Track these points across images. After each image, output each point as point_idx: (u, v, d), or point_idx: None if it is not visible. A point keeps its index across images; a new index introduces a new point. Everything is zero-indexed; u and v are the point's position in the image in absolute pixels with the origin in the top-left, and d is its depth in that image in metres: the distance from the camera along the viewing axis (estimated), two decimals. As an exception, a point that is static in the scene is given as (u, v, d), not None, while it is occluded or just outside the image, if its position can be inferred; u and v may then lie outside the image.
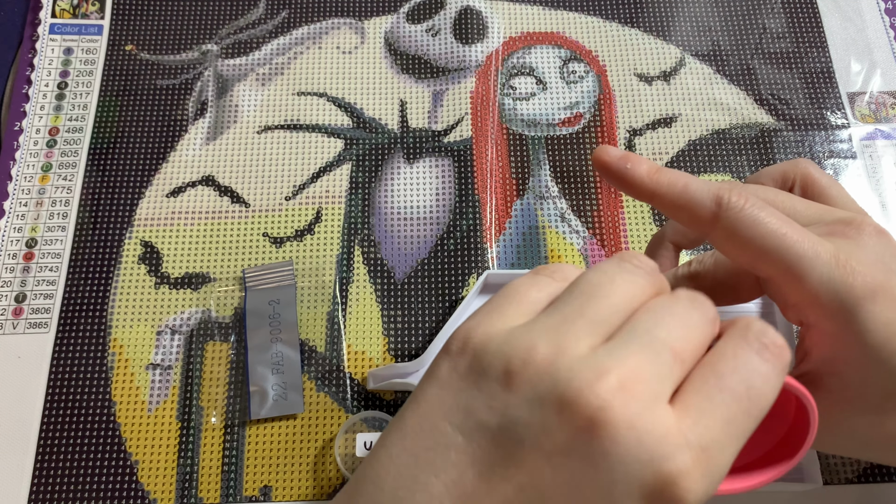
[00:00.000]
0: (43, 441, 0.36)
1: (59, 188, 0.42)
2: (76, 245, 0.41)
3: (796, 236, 0.25)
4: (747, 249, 0.26)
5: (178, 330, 0.39)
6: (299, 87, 0.45)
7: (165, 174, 0.43)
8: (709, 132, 0.44)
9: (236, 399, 0.37)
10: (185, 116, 0.44)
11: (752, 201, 0.26)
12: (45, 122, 0.44)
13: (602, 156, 0.28)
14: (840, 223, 0.27)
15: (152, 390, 0.37)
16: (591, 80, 0.45)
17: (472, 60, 0.46)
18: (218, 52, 0.46)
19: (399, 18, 0.47)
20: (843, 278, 0.25)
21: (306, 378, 0.38)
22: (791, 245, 0.25)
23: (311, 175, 0.43)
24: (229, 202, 0.42)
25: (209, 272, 0.40)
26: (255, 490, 0.35)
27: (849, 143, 0.44)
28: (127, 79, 0.45)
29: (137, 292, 0.40)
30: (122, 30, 0.46)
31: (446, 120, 0.44)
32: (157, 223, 0.41)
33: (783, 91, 0.45)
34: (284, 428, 0.37)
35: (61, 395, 0.37)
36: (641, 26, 0.47)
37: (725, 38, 0.47)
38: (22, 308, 0.39)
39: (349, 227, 0.41)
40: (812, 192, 0.30)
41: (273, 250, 0.41)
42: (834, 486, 0.35)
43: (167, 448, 0.36)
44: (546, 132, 0.44)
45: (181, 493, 0.35)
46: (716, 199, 0.26)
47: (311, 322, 0.39)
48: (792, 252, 0.25)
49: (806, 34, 0.47)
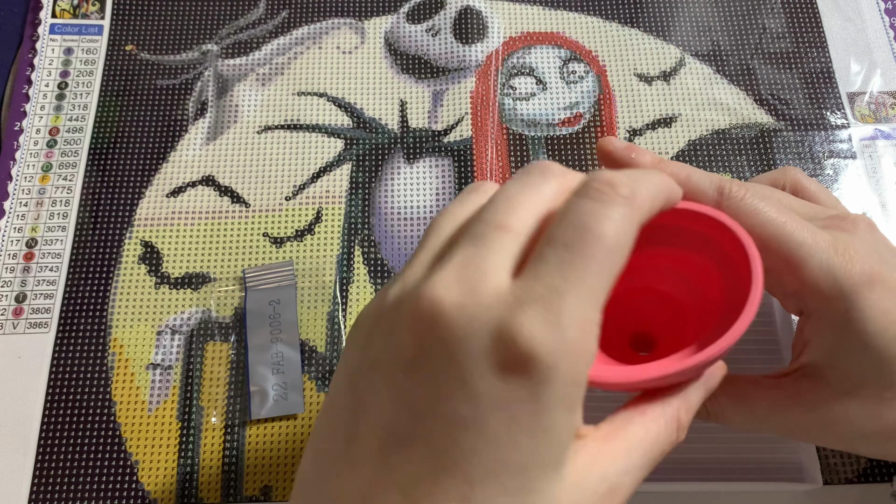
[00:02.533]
0: (43, 441, 0.36)
1: (60, 188, 0.42)
2: (76, 245, 0.41)
3: (796, 224, 0.26)
4: None
5: (179, 330, 0.39)
6: (299, 87, 0.45)
7: (165, 174, 0.43)
8: (709, 132, 0.44)
9: (236, 399, 0.37)
10: (186, 116, 0.44)
11: (751, 191, 0.27)
12: (46, 122, 0.44)
13: (607, 146, 0.29)
14: (836, 218, 0.28)
15: (152, 390, 0.37)
16: (591, 80, 0.45)
17: (472, 60, 0.46)
18: (218, 52, 0.46)
19: (399, 18, 0.47)
20: (842, 265, 0.26)
21: (307, 378, 0.38)
22: (791, 232, 0.26)
23: (311, 175, 0.43)
24: (229, 202, 0.42)
25: (209, 272, 0.40)
26: (255, 490, 0.35)
27: (849, 143, 0.44)
28: (127, 79, 0.45)
29: (137, 292, 0.40)
30: (122, 30, 0.46)
31: (446, 120, 0.44)
32: (157, 223, 0.41)
33: (783, 91, 0.45)
34: (285, 428, 0.37)
35: (61, 395, 0.37)
36: (641, 26, 0.47)
37: (725, 39, 0.47)
38: (22, 308, 0.39)
39: (349, 227, 0.41)
40: (802, 197, 0.31)
41: (273, 250, 0.41)
42: (834, 485, 0.35)
43: (167, 448, 0.36)
44: (546, 132, 0.44)
45: (181, 493, 0.35)
46: (718, 188, 0.27)
47: (312, 322, 0.39)
48: (792, 239, 0.26)
49: (806, 34, 0.47)
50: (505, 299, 0.20)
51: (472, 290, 0.20)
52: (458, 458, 0.20)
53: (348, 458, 0.21)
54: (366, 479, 0.21)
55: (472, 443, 0.20)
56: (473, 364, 0.20)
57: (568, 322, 0.20)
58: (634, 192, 0.21)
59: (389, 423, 0.21)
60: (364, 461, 0.21)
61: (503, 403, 0.20)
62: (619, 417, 0.23)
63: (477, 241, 0.21)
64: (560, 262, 0.20)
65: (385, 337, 0.21)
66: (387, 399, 0.21)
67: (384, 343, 0.21)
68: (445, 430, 0.20)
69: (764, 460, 0.33)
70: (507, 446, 0.20)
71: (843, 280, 0.25)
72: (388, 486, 0.20)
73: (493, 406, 0.20)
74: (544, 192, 0.22)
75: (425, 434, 0.20)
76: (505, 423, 0.20)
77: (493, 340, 0.20)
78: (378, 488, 0.20)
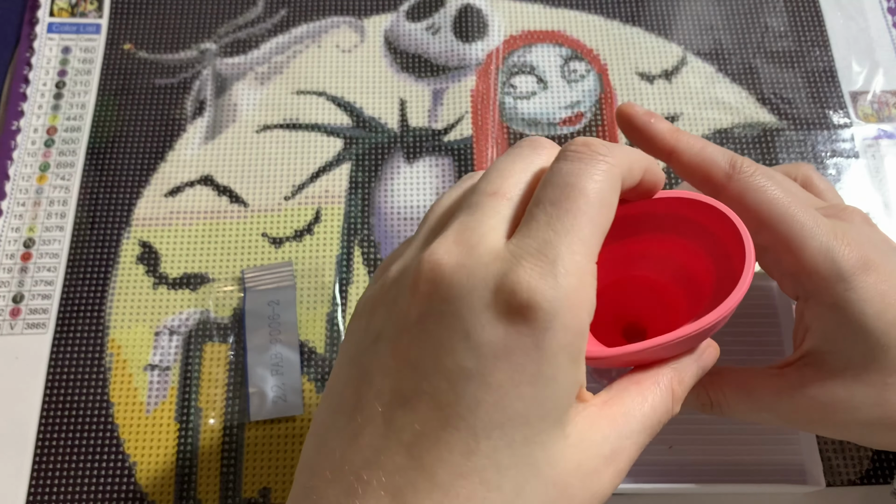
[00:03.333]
0: (41, 442, 0.36)
1: (57, 188, 0.42)
2: (74, 245, 0.40)
3: (799, 206, 0.27)
4: (753, 213, 0.27)
5: (177, 331, 0.38)
6: (298, 86, 0.45)
7: (163, 174, 0.42)
8: (711, 131, 0.44)
9: (235, 400, 0.37)
10: (184, 115, 0.44)
11: (762, 170, 0.28)
12: (43, 121, 0.43)
13: (627, 109, 0.29)
14: (833, 207, 0.30)
15: (150, 391, 0.37)
16: (593, 79, 0.45)
17: (473, 59, 0.46)
18: (216, 51, 0.46)
19: (399, 16, 0.47)
20: (841, 248, 0.27)
21: (306, 380, 0.37)
22: (794, 213, 0.27)
23: (310, 174, 0.42)
24: (228, 202, 0.42)
25: (208, 272, 0.40)
26: (254, 492, 0.35)
27: (851, 143, 0.43)
28: (125, 78, 0.45)
29: (135, 293, 0.39)
30: (120, 29, 0.46)
31: (446, 119, 0.44)
32: (155, 223, 0.41)
33: (785, 90, 0.45)
34: (284, 430, 0.36)
35: (59, 396, 0.37)
36: (643, 25, 0.47)
37: (727, 37, 0.47)
38: (20, 308, 0.39)
39: (349, 227, 0.41)
40: (810, 191, 0.32)
41: (272, 250, 0.40)
42: (836, 487, 0.35)
43: (166, 449, 0.36)
44: (547, 131, 0.44)
45: (179, 494, 0.35)
46: (731, 161, 0.28)
47: (311, 323, 0.39)
48: (795, 220, 0.27)
49: (808, 33, 0.47)
50: (502, 256, 0.21)
51: (470, 251, 0.21)
52: (462, 412, 0.20)
53: (353, 428, 0.21)
54: (371, 444, 0.21)
55: (476, 394, 0.20)
56: (475, 317, 0.20)
57: (563, 271, 0.20)
58: (610, 151, 0.22)
59: (394, 386, 0.21)
60: (368, 428, 0.21)
61: (506, 353, 0.20)
62: (616, 387, 0.23)
63: (472, 208, 0.22)
64: (549, 217, 0.21)
65: (388, 309, 0.22)
66: (391, 365, 0.21)
67: (387, 314, 0.22)
68: (449, 383, 0.20)
69: (766, 462, 0.33)
70: (510, 396, 0.20)
71: (841, 262, 0.26)
72: (392, 447, 0.20)
73: (495, 356, 0.20)
74: (535, 162, 0.23)
75: (430, 391, 0.20)
76: (508, 373, 0.20)
77: (494, 293, 0.20)
78: (382, 451, 0.20)
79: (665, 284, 0.27)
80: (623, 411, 0.22)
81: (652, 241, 0.27)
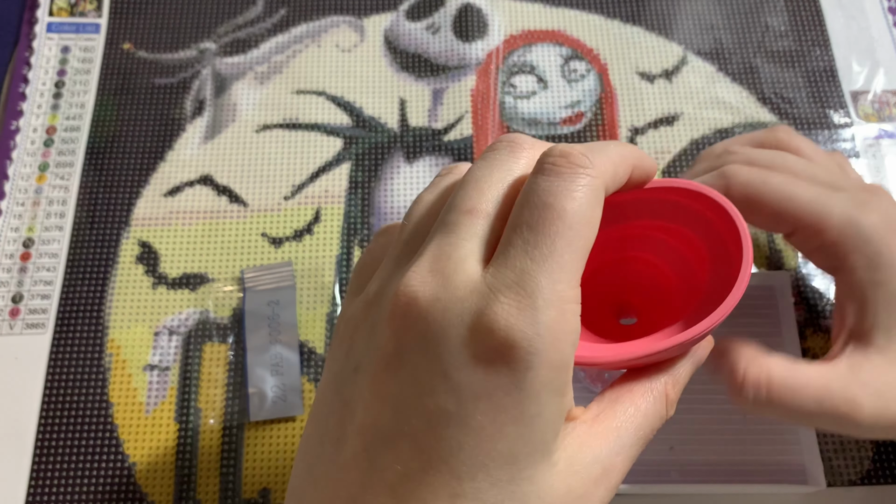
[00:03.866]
0: (40, 442, 0.36)
1: (56, 188, 0.42)
2: (73, 245, 0.40)
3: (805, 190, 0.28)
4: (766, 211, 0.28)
5: (176, 331, 0.38)
6: (298, 86, 0.45)
7: (163, 173, 0.42)
8: (711, 131, 0.44)
9: (235, 401, 0.37)
10: (183, 115, 0.44)
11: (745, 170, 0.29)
12: (42, 121, 0.43)
13: None
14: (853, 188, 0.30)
15: (150, 391, 0.37)
16: (593, 79, 0.45)
17: (473, 58, 0.45)
18: (216, 51, 0.45)
19: (399, 16, 0.47)
20: (863, 214, 0.27)
21: (305, 380, 0.37)
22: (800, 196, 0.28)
23: (310, 174, 0.42)
24: (227, 202, 0.42)
25: (207, 272, 0.40)
26: (254, 493, 0.35)
27: (852, 143, 0.43)
28: (124, 77, 0.45)
29: (135, 293, 0.39)
30: (119, 28, 0.46)
31: (446, 118, 0.44)
32: (154, 223, 0.41)
33: (786, 89, 0.45)
34: (283, 430, 0.36)
35: (58, 397, 0.37)
36: (643, 24, 0.47)
37: (728, 37, 0.46)
38: (19, 309, 0.39)
39: (349, 227, 0.41)
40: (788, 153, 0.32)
41: (272, 250, 0.40)
42: (837, 487, 0.35)
43: (165, 450, 0.36)
44: (547, 131, 0.44)
45: (179, 495, 0.35)
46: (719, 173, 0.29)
47: (311, 323, 0.39)
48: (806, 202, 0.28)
49: (809, 32, 0.47)
50: (479, 289, 0.20)
51: (445, 282, 0.20)
52: (444, 454, 0.19)
53: (337, 461, 0.21)
54: (355, 481, 0.20)
55: (457, 437, 0.19)
56: (452, 357, 0.19)
57: (543, 304, 0.19)
58: (590, 161, 0.21)
59: (374, 423, 0.20)
60: (352, 463, 0.21)
61: (486, 394, 0.19)
62: (607, 397, 0.23)
63: (447, 228, 0.21)
64: (526, 244, 0.20)
65: (367, 338, 0.21)
66: (371, 400, 0.21)
67: (366, 344, 0.21)
68: (429, 426, 0.19)
69: (767, 462, 0.33)
70: (493, 437, 0.19)
71: (866, 227, 0.27)
72: (376, 486, 0.20)
73: (475, 397, 0.19)
74: (513, 170, 0.22)
75: (410, 432, 0.20)
76: (489, 415, 0.19)
77: (470, 331, 0.19)
78: (367, 489, 0.20)
79: (660, 266, 0.27)
80: (615, 425, 0.22)
81: (647, 226, 0.26)
